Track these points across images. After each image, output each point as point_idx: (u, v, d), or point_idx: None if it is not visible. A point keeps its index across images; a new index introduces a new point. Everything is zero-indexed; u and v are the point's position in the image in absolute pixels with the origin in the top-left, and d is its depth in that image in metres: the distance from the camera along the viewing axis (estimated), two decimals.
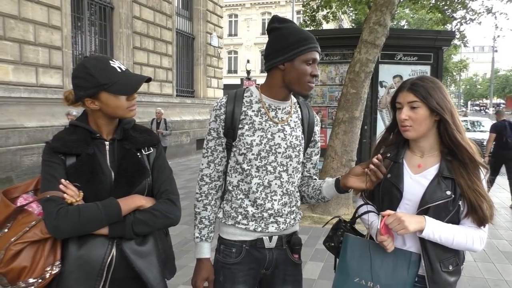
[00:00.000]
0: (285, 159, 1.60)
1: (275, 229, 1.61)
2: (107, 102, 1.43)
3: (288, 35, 1.53)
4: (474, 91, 75.30)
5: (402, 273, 1.52)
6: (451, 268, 1.54)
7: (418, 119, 1.52)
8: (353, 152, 6.06)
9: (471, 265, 4.23)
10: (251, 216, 1.59)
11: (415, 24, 27.17)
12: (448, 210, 1.50)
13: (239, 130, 1.58)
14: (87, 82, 1.42)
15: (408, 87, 1.55)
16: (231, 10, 37.66)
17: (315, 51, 1.53)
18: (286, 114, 1.63)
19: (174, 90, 13.39)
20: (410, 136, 1.57)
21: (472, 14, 13.24)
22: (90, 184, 1.40)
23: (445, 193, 1.49)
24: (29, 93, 7.93)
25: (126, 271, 1.42)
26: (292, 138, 1.62)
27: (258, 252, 1.62)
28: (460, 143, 1.51)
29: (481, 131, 14.11)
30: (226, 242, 1.64)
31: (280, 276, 1.67)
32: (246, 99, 1.62)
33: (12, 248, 1.28)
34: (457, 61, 40.67)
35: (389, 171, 1.61)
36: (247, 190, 1.59)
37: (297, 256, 1.69)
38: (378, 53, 6.01)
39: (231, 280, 1.60)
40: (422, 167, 1.58)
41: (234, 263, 1.61)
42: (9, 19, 7.60)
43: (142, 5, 11.53)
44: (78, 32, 9.73)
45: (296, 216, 1.70)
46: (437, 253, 1.52)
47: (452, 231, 1.49)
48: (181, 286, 3.52)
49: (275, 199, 1.60)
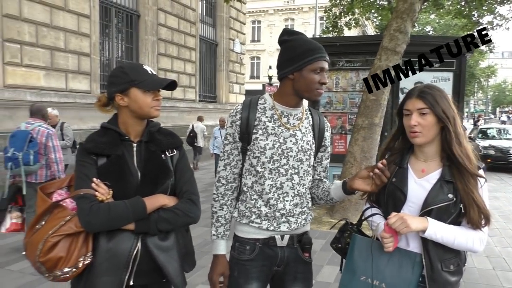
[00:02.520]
0: (296, 162, 1.70)
1: (286, 228, 1.70)
2: (136, 99, 1.59)
3: (296, 46, 1.65)
4: (502, 98, 73.24)
5: (407, 273, 1.58)
6: (452, 268, 1.59)
7: (427, 125, 1.59)
8: (373, 158, 6.07)
9: (489, 273, 4.21)
10: (264, 216, 1.69)
11: (440, 30, 26.72)
12: (450, 213, 1.57)
13: (253, 135, 1.68)
14: (120, 78, 1.59)
15: (417, 95, 1.62)
16: (254, 16, 37.95)
17: (322, 60, 1.63)
18: (298, 120, 1.73)
19: (197, 95, 13.65)
20: (419, 142, 1.62)
21: (500, 19, 13.03)
22: (119, 183, 1.54)
23: (447, 196, 1.56)
24: (59, 97, 8.28)
25: (149, 264, 1.56)
26: (303, 142, 1.72)
27: (271, 250, 1.71)
28: (455, 153, 1.57)
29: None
30: (241, 239, 1.73)
31: (291, 274, 1.75)
32: (260, 106, 1.73)
33: (50, 240, 1.44)
34: (485, 67, 39.71)
35: (394, 175, 1.68)
36: (260, 191, 1.69)
37: (308, 254, 1.78)
38: (399, 60, 6.03)
39: (245, 275, 1.70)
40: (425, 172, 1.65)
41: (248, 259, 1.70)
42: (41, 27, 7.97)
43: (167, 13, 11.85)
44: (106, 39, 10.09)
45: (307, 216, 1.79)
46: (438, 253, 1.58)
47: (453, 232, 1.55)
48: (200, 285, 3.64)
49: (287, 200, 1.70)
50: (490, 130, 15.14)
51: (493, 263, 4.52)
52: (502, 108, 77.75)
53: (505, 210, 7.13)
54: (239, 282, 1.71)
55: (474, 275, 4.14)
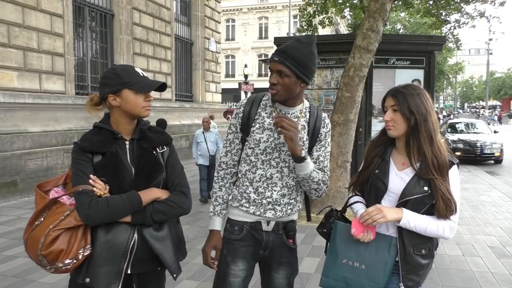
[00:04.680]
0: (288, 156, 1.83)
1: (272, 215, 1.85)
2: (128, 99, 1.67)
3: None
4: (470, 94, 75.74)
5: (384, 254, 1.76)
6: (423, 252, 1.78)
7: (398, 119, 1.77)
8: (348, 153, 6.28)
9: (459, 259, 4.47)
10: (252, 201, 1.85)
11: (411, 27, 27.46)
12: (424, 203, 1.74)
13: (252, 128, 1.85)
14: (113, 80, 1.67)
15: (391, 94, 1.81)
16: (229, 15, 37.96)
17: (271, 61, 1.75)
18: (295, 118, 1.86)
19: (173, 94, 13.62)
20: (392, 134, 1.81)
21: (466, 17, 13.54)
22: (114, 179, 1.64)
23: (423, 188, 1.73)
24: (33, 99, 8.14)
25: (146, 253, 1.66)
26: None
27: (257, 233, 1.87)
28: (424, 152, 1.73)
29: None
30: (231, 221, 1.90)
31: (276, 258, 1.90)
32: (263, 102, 1.90)
33: (51, 233, 1.52)
34: (453, 64, 40.98)
35: (377, 167, 1.85)
36: (251, 179, 1.86)
37: (292, 241, 1.92)
38: (371, 58, 6.24)
39: (232, 254, 1.86)
40: (405, 165, 1.81)
41: (236, 239, 1.87)
42: (13, 27, 7.82)
43: (141, 12, 11.78)
44: (80, 39, 9.95)
45: (294, 207, 1.91)
46: (411, 239, 1.76)
47: (426, 221, 1.73)
48: (185, 281, 3.73)
49: (275, 189, 1.85)
50: (458, 125, 15.75)
51: (463, 249, 4.79)
52: (470, 104, 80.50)
53: (473, 200, 7.50)
54: (227, 259, 1.86)
55: (445, 261, 4.39)
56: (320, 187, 1.85)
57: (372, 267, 1.75)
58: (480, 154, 12.76)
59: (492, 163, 13.16)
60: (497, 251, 4.75)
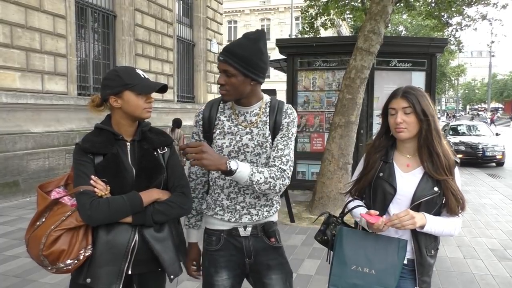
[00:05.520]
0: (254, 157, 1.75)
1: (248, 220, 1.77)
2: (129, 101, 1.68)
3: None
4: (472, 96, 75.64)
5: (393, 258, 1.71)
6: (433, 252, 1.80)
7: (411, 122, 1.74)
8: (349, 155, 6.28)
9: (460, 262, 4.46)
10: (226, 208, 1.77)
11: (413, 29, 27.45)
12: (435, 204, 1.75)
13: (214, 134, 1.77)
14: (114, 81, 1.68)
15: (401, 95, 1.77)
16: (231, 16, 38.02)
17: (219, 61, 1.70)
18: (255, 116, 1.77)
19: (175, 95, 13.64)
20: (404, 137, 1.76)
21: (468, 20, 13.55)
22: (116, 179, 1.65)
23: (433, 189, 1.73)
24: (35, 99, 8.17)
25: (146, 254, 1.67)
26: (259, 137, 1.75)
27: (235, 240, 1.79)
28: (436, 150, 1.73)
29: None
30: (208, 231, 1.83)
31: (263, 263, 1.80)
32: (221, 105, 1.81)
33: (52, 234, 1.53)
34: (455, 66, 40.95)
35: (381, 170, 1.80)
36: (222, 185, 1.77)
37: (274, 239, 1.81)
38: (372, 60, 6.25)
39: (214, 265, 1.79)
40: (410, 166, 1.79)
41: (215, 249, 1.79)
42: (16, 28, 7.85)
43: (144, 13, 11.81)
44: (82, 40, 9.98)
45: (271, 209, 1.82)
46: (426, 241, 1.77)
47: (443, 224, 1.74)
48: (185, 282, 3.74)
49: (247, 193, 1.76)
50: (460, 127, 15.72)
51: (464, 252, 4.79)
52: (472, 106, 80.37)
53: (475, 203, 7.49)
54: (210, 271, 1.80)
55: (446, 263, 4.38)
56: (273, 184, 1.66)
57: (383, 272, 1.70)
58: (482, 156, 12.74)
59: (493, 166, 13.14)
60: (498, 254, 4.74)
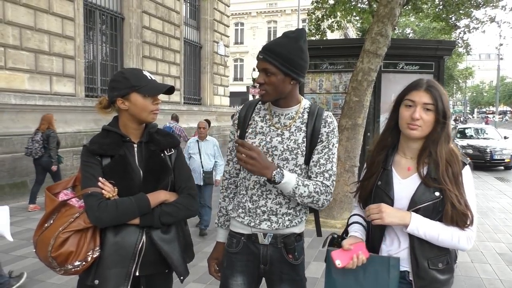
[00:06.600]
0: (281, 161, 1.69)
1: (267, 227, 1.70)
2: (136, 103, 1.69)
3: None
4: (480, 99, 75.09)
5: (384, 278, 1.57)
6: (440, 266, 1.56)
7: (428, 121, 1.54)
8: (356, 158, 6.26)
9: (468, 266, 4.42)
10: (247, 211, 1.73)
11: (420, 32, 27.32)
12: (438, 211, 1.53)
13: (246, 133, 1.77)
14: (122, 84, 1.69)
15: (425, 88, 1.55)
16: (238, 18, 38.07)
17: (258, 60, 1.67)
18: (290, 119, 1.72)
19: (181, 97, 13.69)
20: (416, 136, 1.56)
21: (476, 22, 13.47)
22: (123, 181, 1.65)
23: (434, 194, 1.52)
24: (44, 101, 8.24)
25: (154, 255, 1.68)
26: (289, 142, 1.70)
27: (254, 246, 1.74)
28: (437, 152, 1.55)
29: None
30: (231, 233, 1.81)
31: (277, 274, 1.75)
32: (258, 106, 1.81)
33: (61, 236, 1.54)
34: (463, 69, 40.68)
35: (379, 178, 1.65)
36: (247, 186, 1.75)
37: (291, 256, 1.73)
38: (380, 62, 6.22)
39: (231, 267, 1.77)
40: (411, 170, 1.61)
41: (234, 252, 1.77)
42: (25, 30, 7.94)
43: (151, 16, 11.88)
44: (90, 42, 10.06)
45: (294, 218, 1.73)
46: (424, 251, 1.55)
47: (437, 229, 1.51)
48: (192, 283, 3.74)
49: (270, 197, 1.71)
50: (468, 130, 15.62)
51: (471, 256, 4.74)
52: (480, 109, 79.79)
53: (483, 207, 7.42)
54: (226, 273, 1.78)
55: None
56: (316, 199, 1.64)
57: None
58: (490, 160, 12.64)
59: (502, 169, 13.03)
60: (506, 258, 4.70)
